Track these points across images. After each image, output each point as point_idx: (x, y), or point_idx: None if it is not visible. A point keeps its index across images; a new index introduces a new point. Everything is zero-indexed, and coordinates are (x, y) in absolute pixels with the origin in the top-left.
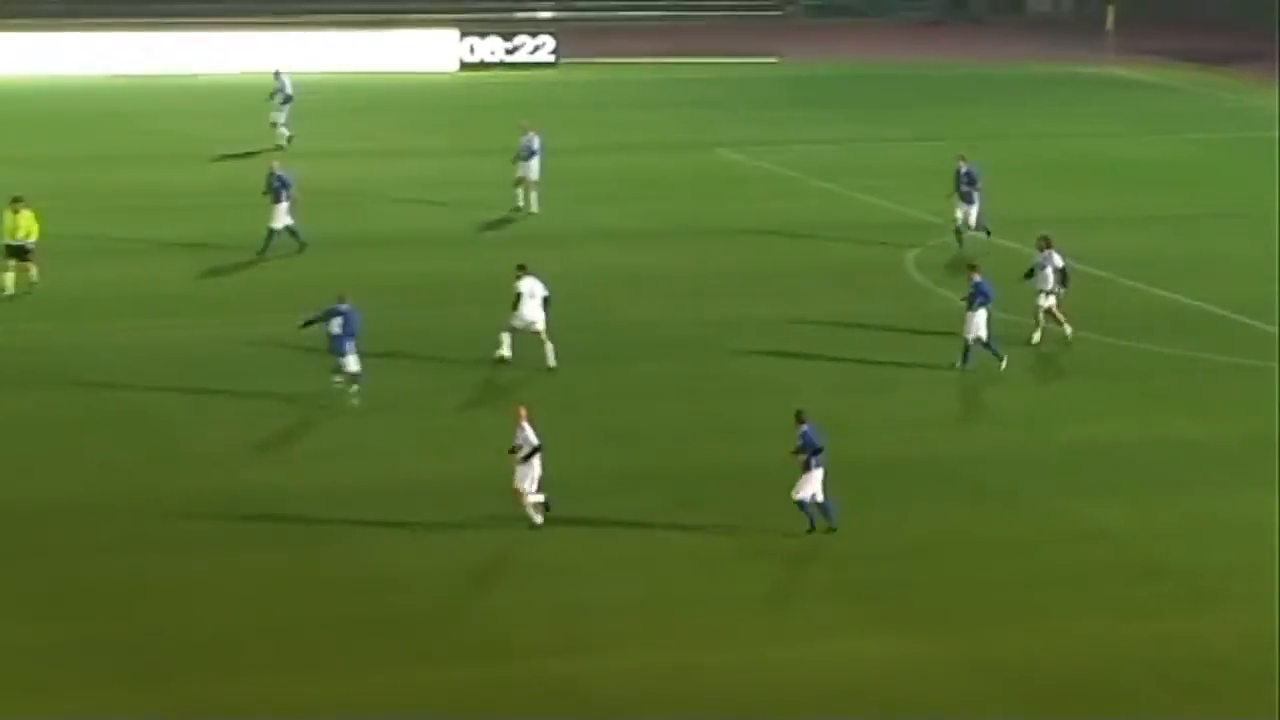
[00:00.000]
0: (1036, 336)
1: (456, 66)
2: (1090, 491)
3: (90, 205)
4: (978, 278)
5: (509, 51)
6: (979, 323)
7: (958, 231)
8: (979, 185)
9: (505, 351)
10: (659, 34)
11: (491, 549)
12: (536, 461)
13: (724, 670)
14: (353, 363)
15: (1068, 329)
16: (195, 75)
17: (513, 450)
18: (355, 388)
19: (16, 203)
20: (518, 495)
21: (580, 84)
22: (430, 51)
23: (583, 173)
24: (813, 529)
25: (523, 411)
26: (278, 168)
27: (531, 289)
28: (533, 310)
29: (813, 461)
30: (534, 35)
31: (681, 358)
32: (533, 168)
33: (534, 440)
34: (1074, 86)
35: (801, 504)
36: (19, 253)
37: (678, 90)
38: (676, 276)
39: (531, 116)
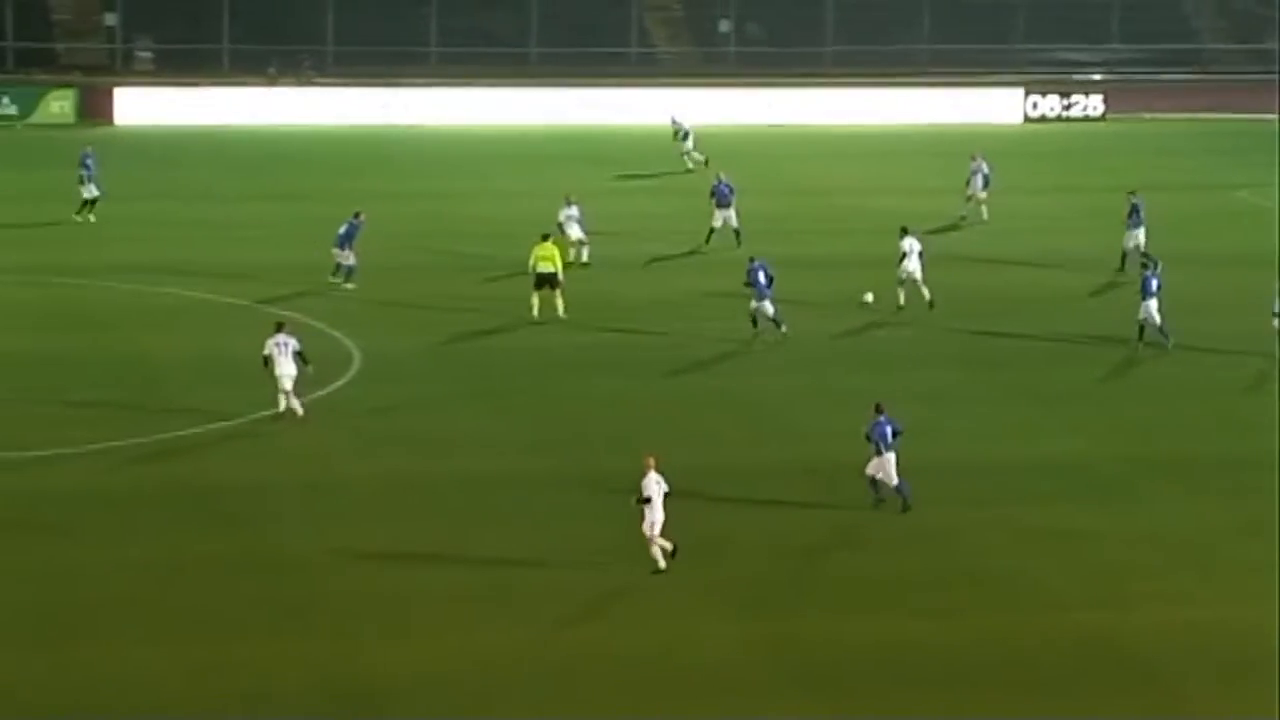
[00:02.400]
0: None
1: (1020, 120)
2: None
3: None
4: (1148, 273)
5: (1065, 108)
6: (1151, 310)
7: (1124, 254)
8: (1142, 216)
9: (900, 300)
10: (1193, 93)
11: (1033, 517)
12: (658, 506)
13: (1231, 626)
14: (768, 307)
15: None
16: (805, 125)
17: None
18: (783, 329)
19: (546, 238)
20: (648, 539)
21: (1125, 135)
22: (999, 107)
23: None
24: (879, 504)
25: (651, 461)
26: (724, 177)
27: (911, 245)
28: (913, 263)
29: (880, 447)
30: (1087, 94)
31: (1185, 362)
32: (980, 188)
33: (651, 490)
34: None
35: (871, 481)
36: (549, 281)
37: (1208, 141)
38: (1198, 294)
39: (1082, 163)
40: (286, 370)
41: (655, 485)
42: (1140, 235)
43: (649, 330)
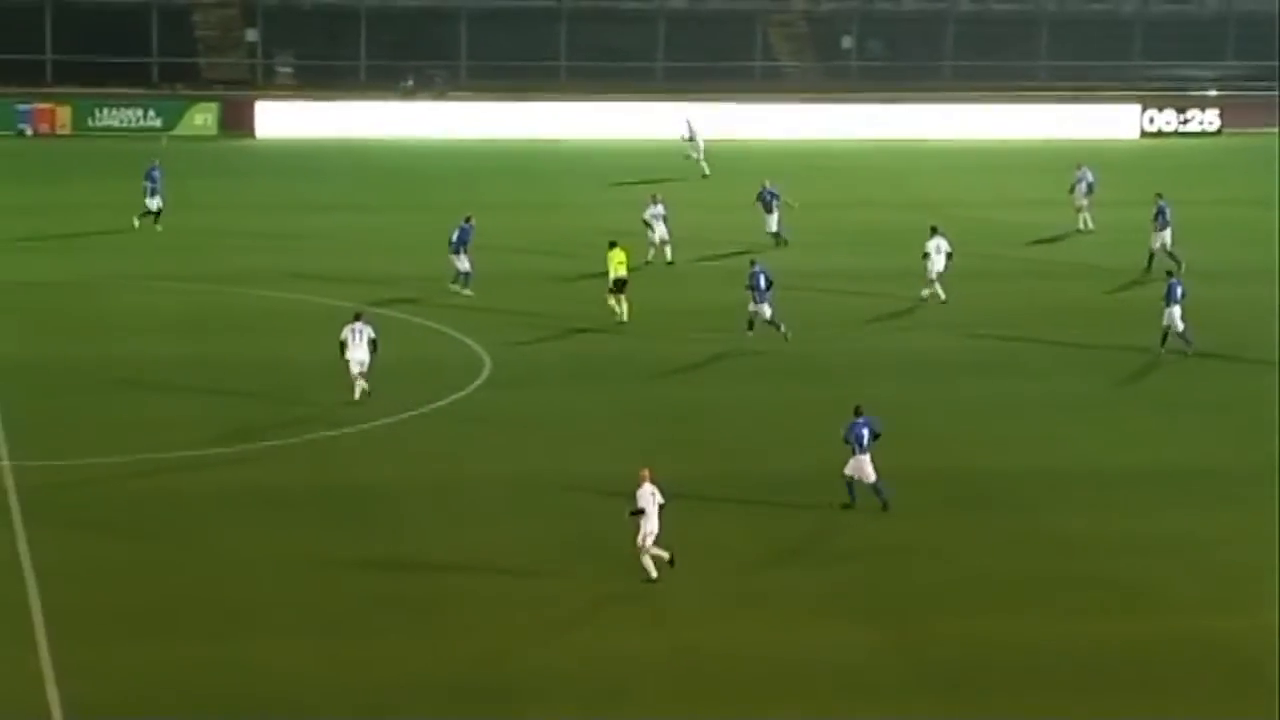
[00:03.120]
0: None
1: (1137, 135)
2: None
3: (838, 239)
4: (1173, 280)
5: (1182, 123)
6: (1174, 316)
7: (1150, 254)
8: (1169, 218)
9: (927, 292)
10: None
11: (1155, 522)
12: (652, 517)
13: None
14: (766, 310)
15: None
16: (925, 140)
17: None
18: (783, 330)
19: (613, 246)
20: (638, 549)
21: (1240, 150)
22: (1116, 122)
23: (1237, 221)
24: (851, 505)
25: (646, 473)
26: (769, 184)
27: (939, 245)
28: (940, 263)
29: (856, 449)
30: (1203, 109)
31: None
32: (1083, 195)
33: (645, 501)
34: None
35: (848, 482)
36: (622, 285)
37: None
38: None
39: (1197, 178)
40: (358, 355)
41: (650, 497)
42: (1166, 237)
43: (760, 337)
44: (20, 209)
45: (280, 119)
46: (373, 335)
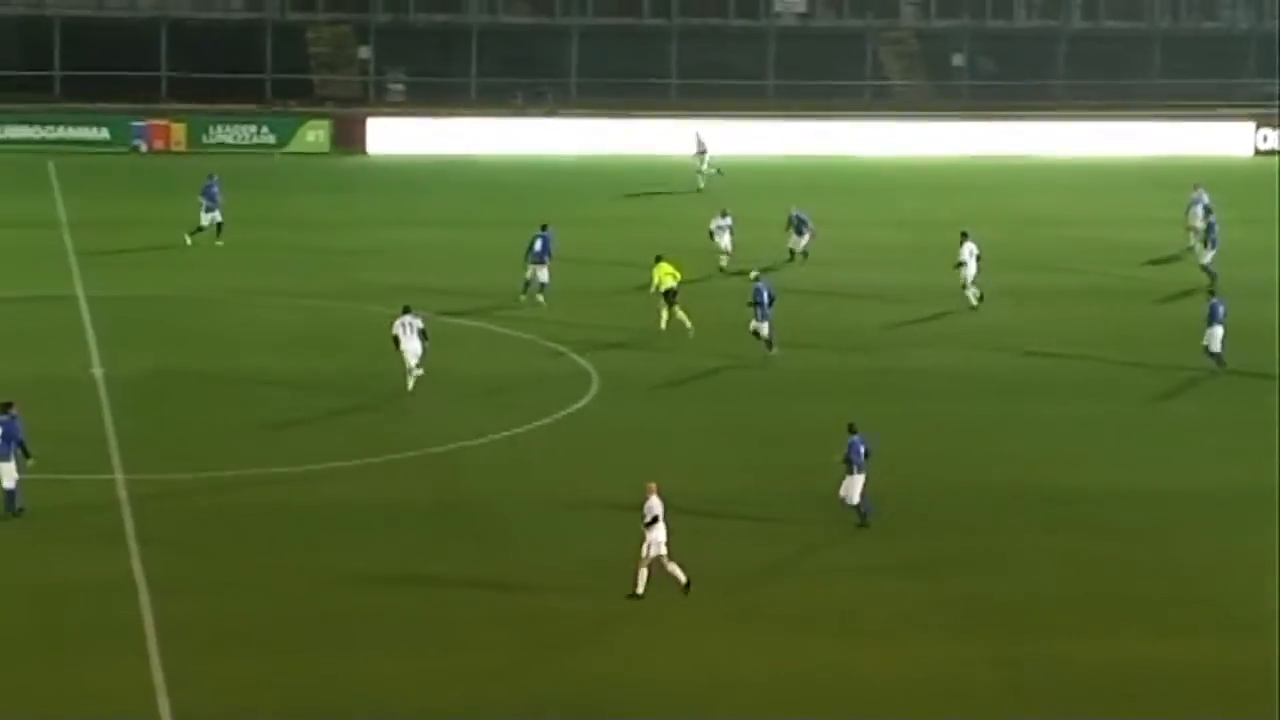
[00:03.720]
0: None
1: (1251, 153)
2: None
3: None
4: (1215, 299)
5: None
6: (1216, 335)
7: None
8: (1215, 233)
9: (974, 302)
10: None
11: (1241, 541)
12: (659, 529)
13: None
14: (764, 328)
15: None
16: (1036, 157)
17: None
18: (773, 351)
19: (659, 260)
20: (641, 561)
21: None
22: (1229, 140)
23: None
24: (864, 524)
25: (652, 486)
26: (795, 209)
27: (971, 250)
28: (971, 268)
29: (854, 468)
30: None
31: None
32: (1199, 218)
33: (656, 510)
34: None
35: (844, 501)
36: (670, 296)
37: None
38: None
39: None
40: (411, 348)
41: (659, 508)
42: (1210, 254)
43: (851, 353)
44: (135, 224)
45: (392, 135)
46: (421, 326)
